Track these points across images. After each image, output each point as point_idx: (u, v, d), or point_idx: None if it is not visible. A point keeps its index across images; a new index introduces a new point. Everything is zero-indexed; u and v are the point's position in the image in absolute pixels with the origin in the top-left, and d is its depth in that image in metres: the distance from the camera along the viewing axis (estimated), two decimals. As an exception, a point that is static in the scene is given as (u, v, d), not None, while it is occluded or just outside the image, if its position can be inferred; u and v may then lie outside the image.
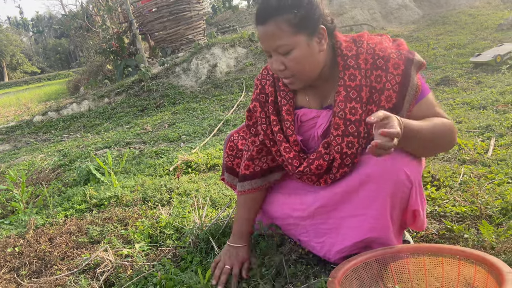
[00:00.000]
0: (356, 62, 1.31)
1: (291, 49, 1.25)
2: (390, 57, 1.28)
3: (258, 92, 1.51)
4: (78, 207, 2.57)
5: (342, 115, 1.32)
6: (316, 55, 1.28)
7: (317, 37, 1.27)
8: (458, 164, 2.32)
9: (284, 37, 1.23)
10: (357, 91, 1.30)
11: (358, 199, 1.35)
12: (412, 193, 1.29)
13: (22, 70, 40.58)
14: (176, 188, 2.62)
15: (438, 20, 9.82)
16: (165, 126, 5.37)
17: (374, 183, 1.29)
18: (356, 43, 1.34)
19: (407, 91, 1.27)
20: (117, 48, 8.79)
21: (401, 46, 1.32)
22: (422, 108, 1.30)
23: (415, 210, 1.32)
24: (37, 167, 4.03)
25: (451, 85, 4.69)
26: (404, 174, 1.26)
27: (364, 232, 1.35)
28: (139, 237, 1.96)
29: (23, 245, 2.09)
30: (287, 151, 1.43)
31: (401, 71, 1.26)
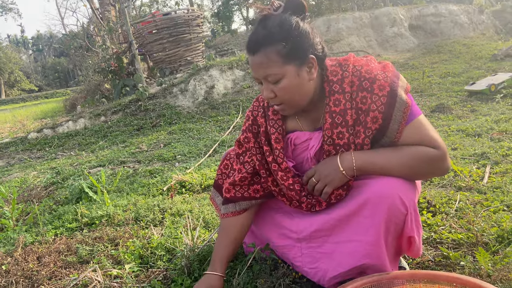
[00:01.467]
0: (341, 87, 1.32)
1: (281, 78, 1.27)
2: (376, 79, 1.29)
3: (250, 123, 1.52)
4: (68, 225, 2.52)
5: (331, 142, 1.34)
6: (305, 84, 1.30)
7: (307, 66, 1.28)
8: (454, 191, 2.32)
9: (273, 67, 1.25)
10: (342, 115, 1.31)
11: (353, 225, 1.33)
12: (407, 219, 1.27)
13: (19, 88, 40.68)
14: (169, 208, 2.59)
15: (433, 49, 10.01)
16: (161, 145, 5.35)
17: (370, 209, 1.28)
18: (341, 66, 1.35)
19: (394, 111, 1.27)
20: (116, 67, 8.85)
21: (386, 68, 1.33)
22: (413, 130, 1.29)
23: (410, 236, 1.31)
24: (29, 184, 3.98)
25: (446, 113, 4.73)
26: (399, 200, 1.25)
27: (359, 258, 1.33)
28: (130, 257, 1.91)
29: (10, 263, 2.03)
30: (284, 179, 1.43)
31: (387, 92, 1.27)
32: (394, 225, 1.28)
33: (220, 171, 1.68)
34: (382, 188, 1.27)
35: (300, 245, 1.47)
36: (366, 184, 1.31)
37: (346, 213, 1.34)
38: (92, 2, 14.19)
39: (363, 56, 1.42)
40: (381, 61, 1.38)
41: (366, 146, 1.32)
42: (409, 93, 1.32)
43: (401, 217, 1.27)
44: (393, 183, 1.27)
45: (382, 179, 1.29)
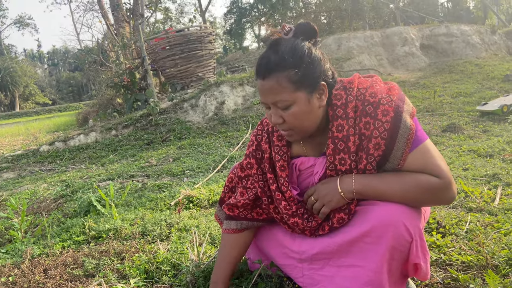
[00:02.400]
0: (345, 111, 1.30)
1: (291, 105, 1.26)
2: (380, 103, 1.26)
3: (254, 148, 1.51)
4: (76, 238, 2.53)
5: (333, 168, 1.33)
6: (315, 110, 1.29)
7: (318, 93, 1.27)
8: (464, 212, 2.28)
9: (284, 93, 1.24)
10: (344, 141, 1.30)
11: (356, 250, 1.31)
12: (412, 246, 1.25)
13: (34, 101, 41.40)
14: (176, 223, 2.59)
15: (444, 68, 9.99)
16: (170, 160, 5.38)
17: (374, 236, 1.26)
18: (346, 90, 1.33)
19: (397, 138, 1.24)
20: (128, 82, 8.98)
21: (392, 90, 1.30)
22: (417, 156, 1.25)
23: (416, 263, 1.29)
24: (39, 196, 4.02)
25: (458, 132, 4.70)
26: (404, 227, 1.23)
27: (360, 285, 1.31)
28: (135, 272, 1.91)
29: (17, 275, 2.04)
30: (288, 208, 1.41)
31: (390, 117, 1.24)
32: (398, 253, 1.26)
33: (226, 188, 1.68)
34: (387, 215, 1.25)
35: (301, 266, 1.45)
36: (370, 209, 1.29)
37: (349, 239, 1.32)
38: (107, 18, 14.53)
39: (368, 75, 1.40)
40: (387, 82, 1.36)
41: (369, 171, 1.30)
42: (415, 117, 1.30)
43: (406, 244, 1.25)
44: (397, 209, 1.25)
45: (387, 205, 1.27)
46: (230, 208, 1.56)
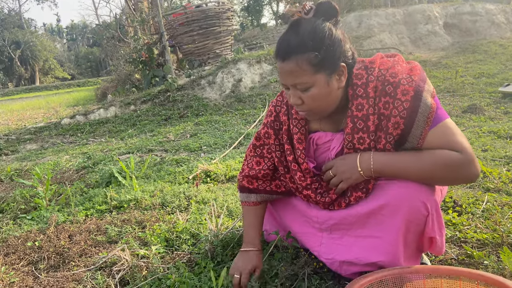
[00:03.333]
0: (365, 91, 1.29)
1: (310, 87, 1.26)
2: (400, 83, 1.25)
3: (273, 119, 1.52)
4: (98, 207, 2.62)
5: (351, 146, 1.34)
6: (334, 92, 1.29)
7: (337, 74, 1.27)
8: (482, 192, 2.28)
9: (303, 76, 1.24)
10: (364, 120, 1.30)
11: (373, 222, 1.35)
12: (428, 220, 1.27)
13: (53, 75, 41.94)
14: (194, 196, 2.65)
15: (468, 48, 9.73)
16: (187, 136, 5.45)
17: (390, 209, 1.29)
18: (367, 70, 1.32)
19: (416, 116, 1.23)
20: (147, 58, 9.02)
21: (414, 71, 1.28)
22: (437, 134, 1.24)
23: (431, 237, 1.31)
24: (62, 167, 4.14)
25: (478, 113, 4.62)
26: (421, 202, 1.25)
27: (377, 255, 1.34)
28: (156, 240, 1.98)
29: (43, 240, 2.14)
30: (302, 179, 1.45)
31: (410, 97, 1.23)
32: (414, 226, 1.29)
33: None
34: (404, 190, 1.27)
35: (321, 235, 1.49)
36: (388, 185, 1.31)
37: (366, 211, 1.35)
38: (125, -7, 14.46)
39: (391, 55, 1.38)
40: (410, 61, 1.34)
41: (388, 151, 1.30)
42: (436, 97, 1.29)
43: (422, 218, 1.27)
44: (415, 185, 1.27)
45: (405, 181, 1.29)
46: (250, 180, 1.60)
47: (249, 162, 1.63)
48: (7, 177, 3.90)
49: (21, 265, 1.91)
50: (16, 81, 39.33)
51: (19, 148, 5.94)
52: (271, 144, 1.52)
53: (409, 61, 1.35)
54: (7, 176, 3.93)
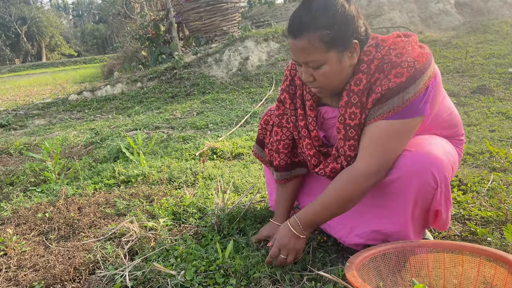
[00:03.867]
0: (368, 67, 1.28)
1: (322, 65, 1.25)
2: (399, 65, 1.23)
3: (288, 83, 1.52)
4: (106, 181, 2.66)
5: (342, 120, 1.33)
6: (346, 69, 1.28)
7: (349, 51, 1.26)
8: (487, 171, 2.28)
9: (315, 53, 1.23)
10: (359, 95, 1.29)
11: (384, 193, 1.35)
12: (436, 193, 1.28)
13: (59, 52, 41.86)
14: (201, 172, 2.68)
15: (479, 28, 9.54)
16: (194, 114, 5.46)
17: (402, 183, 1.29)
18: (377, 47, 1.30)
19: (387, 101, 1.23)
20: (153, 35, 8.96)
21: (420, 57, 1.25)
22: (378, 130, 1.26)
23: (437, 210, 1.32)
24: (70, 142, 4.18)
25: (487, 94, 4.57)
26: (431, 174, 1.25)
27: (384, 224, 1.36)
28: (163, 213, 2.02)
29: (53, 212, 2.18)
30: (308, 148, 1.46)
31: (399, 81, 1.21)
32: (422, 198, 1.29)
33: (260, 126, 1.73)
34: (415, 163, 1.27)
35: None
36: (401, 156, 1.31)
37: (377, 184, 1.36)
38: (132, -32, 14.25)
39: (406, 34, 1.34)
40: (423, 45, 1.32)
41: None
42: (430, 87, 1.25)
43: (431, 191, 1.28)
44: (426, 157, 1.26)
45: (416, 153, 1.28)
46: (273, 155, 1.62)
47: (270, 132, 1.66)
48: (16, 151, 3.95)
49: (32, 235, 1.96)
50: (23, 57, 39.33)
51: (27, 123, 5.99)
52: (287, 109, 1.52)
53: (422, 45, 1.32)
54: (16, 150, 3.98)
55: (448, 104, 1.45)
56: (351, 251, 1.52)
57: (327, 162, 1.42)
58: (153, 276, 1.44)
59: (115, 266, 1.55)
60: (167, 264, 1.51)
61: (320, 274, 1.36)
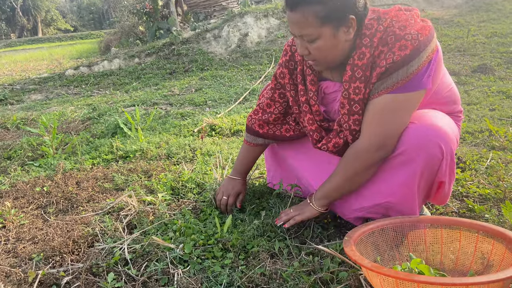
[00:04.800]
0: (371, 41, 1.26)
1: (316, 39, 1.25)
2: (404, 38, 1.21)
3: (288, 58, 1.50)
4: (104, 156, 2.65)
5: (346, 95, 1.32)
6: (341, 44, 1.27)
7: (345, 26, 1.24)
8: (486, 150, 2.28)
9: (309, 28, 1.22)
10: (363, 70, 1.27)
11: (390, 167, 1.34)
12: (442, 164, 1.27)
13: (55, 27, 41.21)
14: (199, 148, 2.67)
15: (481, 6, 9.40)
16: (192, 90, 5.41)
17: (408, 155, 1.28)
18: (379, 20, 1.28)
19: (392, 74, 1.22)
20: (151, 9, 8.80)
21: (423, 30, 1.22)
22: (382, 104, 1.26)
23: (441, 182, 1.32)
24: (67, 117, 4.15)
25: (488, 73, 4.53)
26: (438, 146, 1.25)
27: (389, 196, 1.35)
28: (162, 188, 2.02)
29: (51, 186, 2.18)
30: (310, 122, 1.45)
31: (404, 54, 1.20)
32: (429, 170, 1.29)
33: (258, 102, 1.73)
34: (421, 137, 1.26)
35: None
36: (406, 132, 1.29)
37: None
38: None
39: (407, 8, 1.32)
40: (425, 19, 1.29)
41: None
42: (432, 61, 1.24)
43: (438, 162, 1.27)
44: (432, 130, 1.25)
45: (421, 126, 1.27)
46: (261, 124, 1.64)
47: (261, 102, 1.66)
48: (13, 126, 3.93)
49: (30, 208, 1.96)
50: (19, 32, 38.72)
51: (24, 98, 5.94)
52: (286, 84, 1.51)
53: (424, 19, 1.30)
54: (13, 124, 3.95)
55: (448, 81, 1.44)
56: (349, 227, 1.52)
57: (329, 137, 1.42)
58: (151, 249, 1.45)
59: (114, 239, 1.56)
60: (165, 238, 1.52)
61: (318, 248, 1.37)
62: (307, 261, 1.33)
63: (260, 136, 1.66)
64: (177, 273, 1.30)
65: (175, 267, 1.35)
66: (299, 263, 1.33)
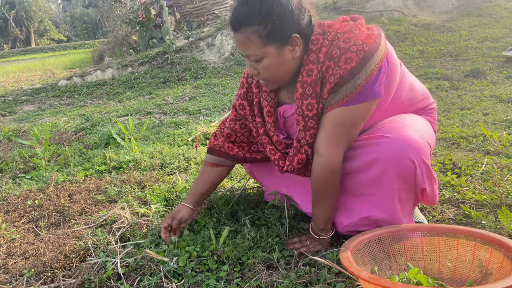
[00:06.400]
0: (317, 56, 1.26)
1: (262, 58, 1.25)
2: (349, 50, 1.21)
3: (245, 91, 1.51)
4: (97, 168, 2.62)
5: (300, 112, 1.32)
6: (287, 62, 1.27)
7: (290, 45, 1.24)
8: (481, 155, 2.28)
9: (253, 48, 1.23)
10: (313, 86, 1.28)
11: (362, 180, 1.35)
12: (417, 173, 1.28)
13: (49, 37, 41.13)
14: (193, 158, 2.65)
15: (473, 11, 9.49)
16: (186, 99, 5.39)
17: (379, 167, 1.29)
18: (324, 34, 1.28)
19: (341, 88, 1.22)
20: (144, 19, 8.80)
21: (369, 38, 1.22)
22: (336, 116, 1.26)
23: (423, 188, 1.32)
24: (60, 128, 4.12)
25: (480, 78, 4.56)
26: (408, 159, 1.25)
27: (373, 211, 1.36)
28: (156, 199, 1.99)
29: (43, 199, 2.15)
30: (272, 153, 1.47)
31: (350, 67, 1.20)
32: (405, 181, 1.29)
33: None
34: (392, 150, 1.26)
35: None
36: (373, 144, 1.31)
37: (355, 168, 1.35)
38: (121, -50, 13.92)
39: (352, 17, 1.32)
40: (371, 26, 1.29)
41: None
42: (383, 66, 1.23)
43: (411, 173, 1.27)
44: (402, 143, 1.26)
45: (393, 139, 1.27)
46: (230, 146, 1.64)
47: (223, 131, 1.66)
48: (5, 138, 3.88)
49: (21, 222, 1.93)
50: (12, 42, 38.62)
51: (16, 109, 5.89)
52: (248, 115, 1.52)
53: (370, 27, 1.29)
54: (5, 136, 3.91)
55: (407, 81, 1.42)
56: (346, 236, 1.50)
57: (290, 157, 1.42)
58: (145, 263, 1.42)
59: (106, 253, 1.53)
60: (159, 251, 1.49)
61: (314, 259, 1.35)
62: (304, 272, 1.31)
63: (230, 157, 1.64)
64: (171, 287, 1.27)
65: (169, 281, 1.32)
66: (295, 274, 1.31)
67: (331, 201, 1.39)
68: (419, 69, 5.32)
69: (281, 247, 1.47)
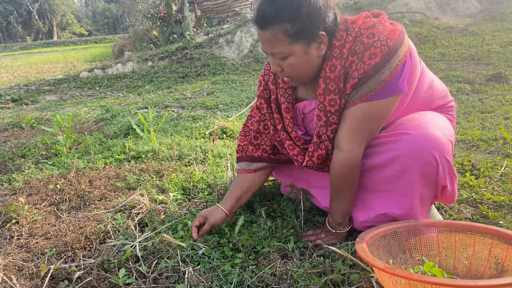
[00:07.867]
0: (341, 52, 1.26)
1: (287, 56, 1.25)
2: (373, 45, 1.21)
3: (262, 89, 1.52)
4: (117, 156, 2.67)
5: (322, 108, 1.33)
6: (313, 60, 1.28)
7: (317, 42, 1.25)
8: (501, 157, 2.25)
9: (280, 46, 1.23)
10: (336, 82, 1.28)
11: (382, 176, 1.35)
12: (439, 170, 1.28)
13: (70, 31, 41.86)
14: (210, 150, 2.68)
15: (496, 16, 9.33)
16: (204, 94, 5.44)
17: (402, 163, 1.29)
18: (347, 31, 1.28)
19: (365, 83, 1.23)
20: (165, 14, 8.90)
21: (393, 34, 1.23)
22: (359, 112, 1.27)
23: (443, 185, 1.32)
24: (81, 118, 4.21)
25: (502, 82, 4.48)
26: (431, 156, 1.26)
27: (387, 206, 1.36)
28: (173, 187, 2.03)
29: (64, 184, 2.20)
30: (291, 148, 1.48)
31: (374, 63, 1.20)
32: (427, 179, 1.29)
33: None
34: (415, 148, 1.27)
35: None
36: (395, 141, 1.31)
37: (375, 164, 1.35)
38: None
39: (375, 13, 1.33)
40: (394, 22, 1.29)
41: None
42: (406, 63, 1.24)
43: (434, 170, 1.27)
44: (425, 139, 1.26)
45: (415, 136, 1.28)
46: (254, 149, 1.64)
47: (248, 134, 1.65)
48: (28, 125, 3.98)
49: (43, 205, 1.98)
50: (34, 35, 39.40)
51: (39, 99, 6.03)
52: (265, 113, 1.53)
53: (393, 22, 1.29)
54: (28, 124, 4.01)
55: (427, 79, 1.42)
56: (360, 232, 1.51)
57: (310, 152, 1.43)
58: (162, 247, 1.45)
59: (125, 236, 1.57)
60: (176, 237, 1.52)
61: (329, 250, 1.36)
62: (318, 262, 1.32)
63: (255, 160, 1.63)
64: (188, 270, 1.30)
65: (185, 265, 1.35)
66: (310, 264, 1.32)
67: (349, 195, 1.40)
68: (440, 71, 5.26)
69: (296, 239, 1.48)
